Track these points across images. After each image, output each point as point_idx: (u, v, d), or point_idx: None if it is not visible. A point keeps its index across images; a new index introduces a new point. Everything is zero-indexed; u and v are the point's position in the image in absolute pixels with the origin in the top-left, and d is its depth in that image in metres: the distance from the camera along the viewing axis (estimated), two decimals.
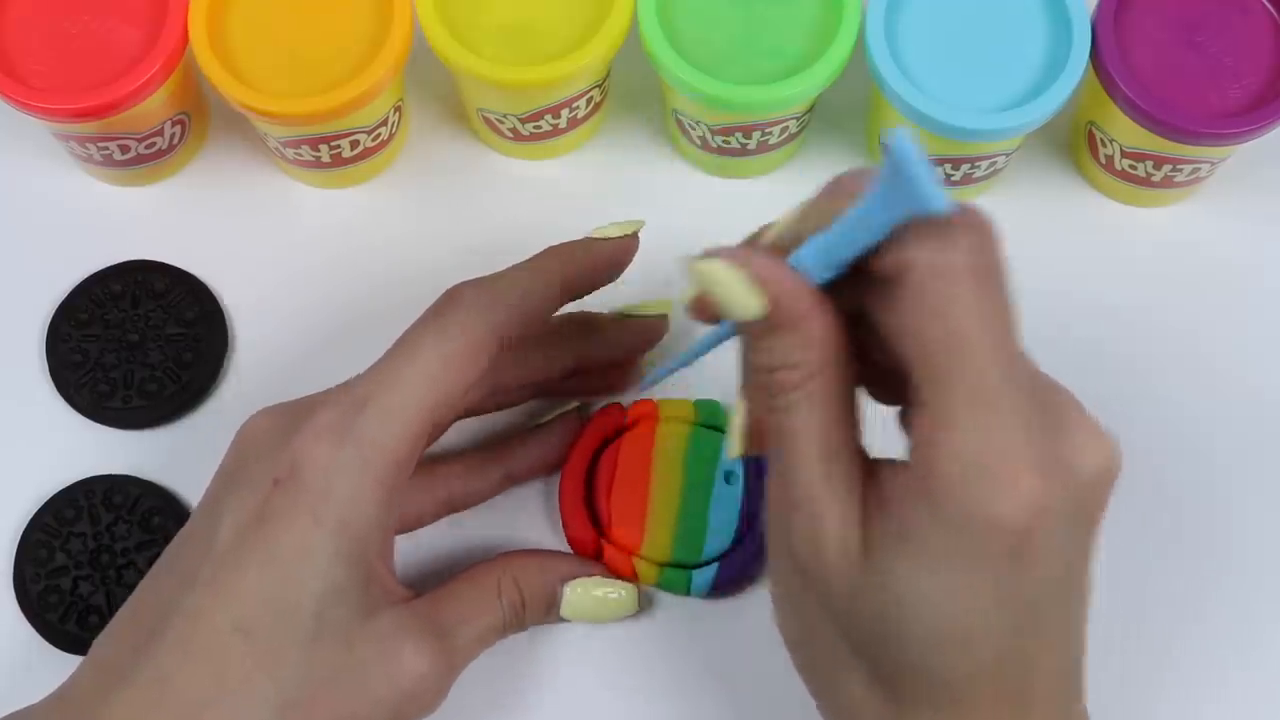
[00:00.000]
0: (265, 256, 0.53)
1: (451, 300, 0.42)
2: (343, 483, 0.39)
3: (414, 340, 0.41)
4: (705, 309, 0.37)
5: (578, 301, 0.46)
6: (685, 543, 0.48)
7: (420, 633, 0.41)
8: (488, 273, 0.44)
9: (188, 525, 0.42)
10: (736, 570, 0.48)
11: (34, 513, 0.50)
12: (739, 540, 0.48)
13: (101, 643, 0.40)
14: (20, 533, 0.49)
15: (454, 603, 0.43)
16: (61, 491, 0.50)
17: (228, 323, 0.52)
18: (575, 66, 0.48)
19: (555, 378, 0.48)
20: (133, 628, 0.40)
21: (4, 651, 0.49)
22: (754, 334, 0.35)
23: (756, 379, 0.35)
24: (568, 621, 0.47)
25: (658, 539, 0.48)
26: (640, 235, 0.52)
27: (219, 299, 0.52)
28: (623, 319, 0.49)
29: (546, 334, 0.47)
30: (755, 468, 0.49)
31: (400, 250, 0.53)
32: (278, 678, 0.38)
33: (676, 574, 0.48)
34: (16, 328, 0.52)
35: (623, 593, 0.47)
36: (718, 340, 0.39)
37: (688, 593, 0.48)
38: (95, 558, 0.49)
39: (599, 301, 0.47)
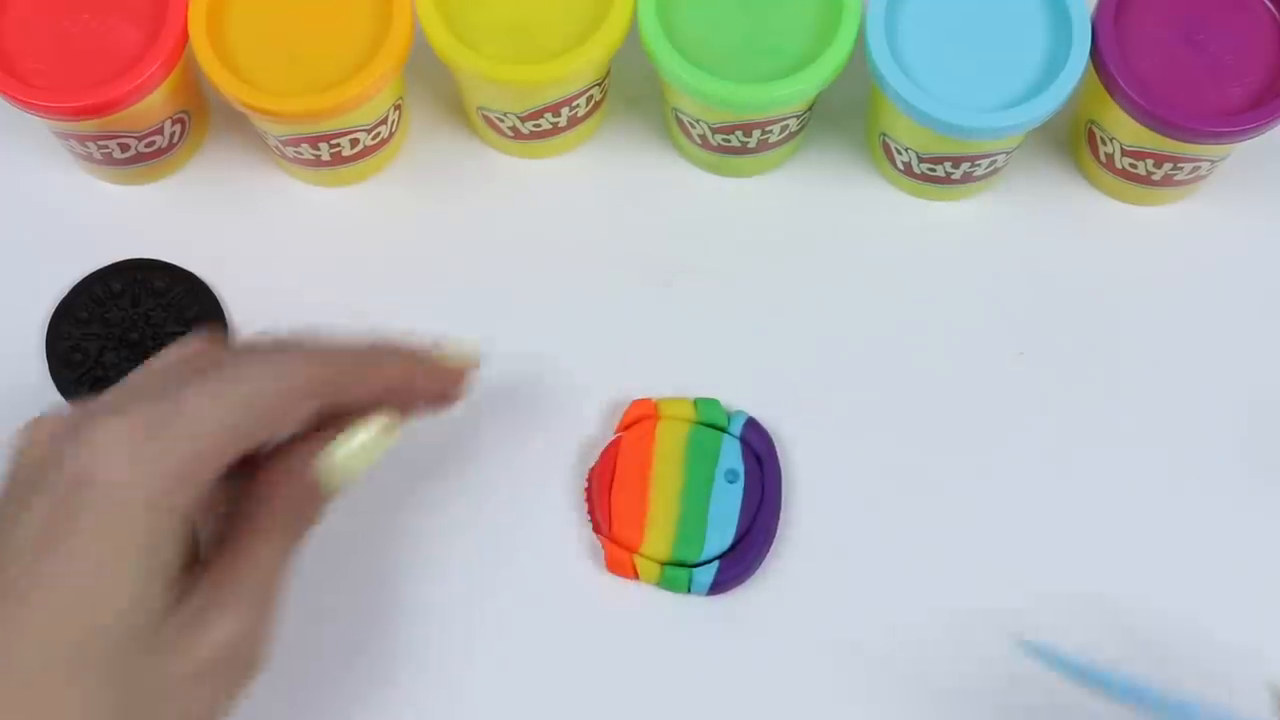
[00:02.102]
0: (265, 255, 0.53)
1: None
2: (140, 492, 0.37)
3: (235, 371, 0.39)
4: None
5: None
6: (686, 541, 0.48)
7: (222, 595, 0.39)
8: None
9: None
10: (737, 569, 0.48)
11: None
12: (740, 539, 0.48)
13: None
14: None
15: (239, 553, 0.40)
16: None
17: (228, 322, 0.52)
18: (575, 65, 0.48)
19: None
20: None
21: None
22: None
23: None
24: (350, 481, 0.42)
25: (658, 538, 0.48)
26: (639, 235, 0.52)
27: (219, 298, 0.52)
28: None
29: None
30: (756, 467, 0.49)
31: (400, 249, 0.53)
32: (94, 704, 0.36)
33: (677, 573, 0.48)
34: (16, 327, 0.52)
35: (376, 429, 0.42)
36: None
37: (688, 591, 0.48)
38: None
39: None
